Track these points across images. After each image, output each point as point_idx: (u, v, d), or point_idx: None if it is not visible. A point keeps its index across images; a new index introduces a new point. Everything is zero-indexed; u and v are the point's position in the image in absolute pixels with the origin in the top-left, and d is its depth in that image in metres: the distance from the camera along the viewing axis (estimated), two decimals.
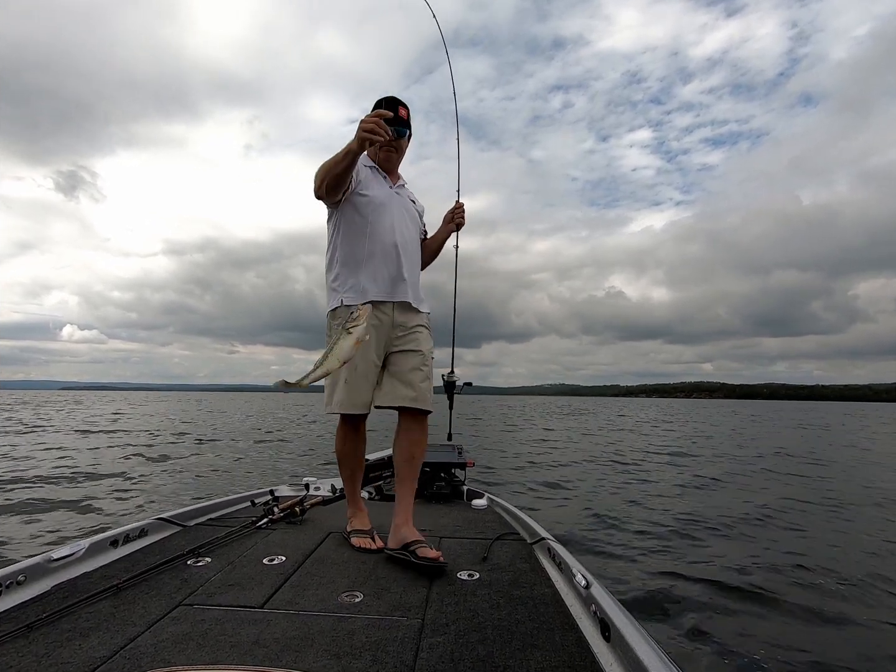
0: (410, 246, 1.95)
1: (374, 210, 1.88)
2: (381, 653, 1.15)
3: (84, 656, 1.12)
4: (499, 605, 1.42)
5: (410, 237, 1.97)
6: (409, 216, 1.99)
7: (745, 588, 2.74)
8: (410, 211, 2.01)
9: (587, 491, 5.64)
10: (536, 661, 1.13)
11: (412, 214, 2.01)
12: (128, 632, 1.24)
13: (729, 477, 6.89)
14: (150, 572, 1.60)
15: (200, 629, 1.25)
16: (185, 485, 6.04)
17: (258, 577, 1.61)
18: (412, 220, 2.00)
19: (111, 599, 1.43)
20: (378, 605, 1.41)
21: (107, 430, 14.08)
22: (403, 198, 2.00)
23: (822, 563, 3.17)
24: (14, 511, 4.56)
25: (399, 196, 1.98)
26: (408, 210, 1.99)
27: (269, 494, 2.63)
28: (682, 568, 3.05)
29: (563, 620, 1.33)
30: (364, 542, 1.90)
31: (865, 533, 3.98)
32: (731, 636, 2.19)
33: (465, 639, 1.22)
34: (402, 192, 2.01)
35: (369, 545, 1.88)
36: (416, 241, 2.02)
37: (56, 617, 1.30)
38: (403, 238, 1.91)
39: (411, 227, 1.99)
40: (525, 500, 5.03)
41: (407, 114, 1.91)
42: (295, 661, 1.11)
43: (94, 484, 5.96)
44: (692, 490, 5.91)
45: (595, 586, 1.36)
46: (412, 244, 1.97)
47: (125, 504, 4.95)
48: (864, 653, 2.09)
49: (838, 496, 5.53)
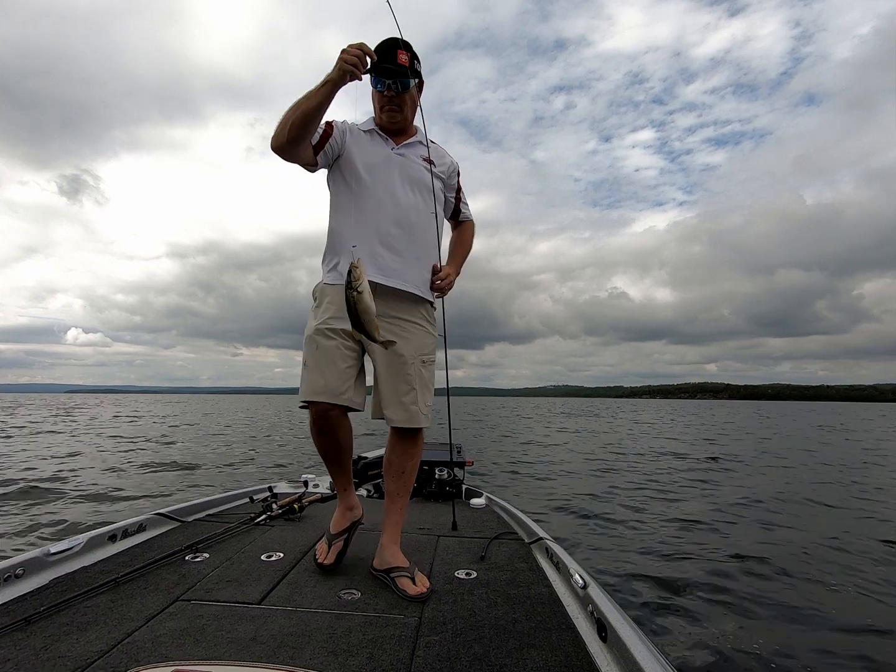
0: (408, 217, 1.60)
1: (362, 178, 1.59)
2: (379, 650, 1.15)
3: (82, 650, 1.13)
4: (496, 604, 1.42)
5: (409, 205, 1.60)
6: (413, 180, 1.62)
7: (745, 589, 2.72)
8: (415, 174, 1.63)
9: (587, 491, 5.62)
10: (533, 660, 1.13)
11: (418, 178, 1.63)
12: (125, 626, 1.24)
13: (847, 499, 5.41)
14: (149, 567, 1.60)
15: (198, 625, 1.25)
16: (184, 481, 6.06)
17: (256, 573, 1.61)
18: (417, 184, 1.63)
19: (109, 594, 1.43)
20: (375, 602, 1.41)
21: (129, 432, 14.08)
22: (408, 158, 1.64)
23: (823, 568, 3.14)
24: (13, 506, 4.59)
25: (402, 157, 1.63)
26: (411, 173, 1.63)
27: (267, 491, 2.64)
28: (680, 569, 3.03)
29: (560, 620, 1.32)
30: (319, 551, 1.67)
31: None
32: (728, 638, 2.18)
33: (462, 637, 1.22)
34: (408, 151, 1.65)
35: (322, 557, 1.64)
36: (418, 210, 1.63)
37: (54, 611, 1.31)
38: (398, 208, 1.58)
39: (412, 194, 1.62)
40: (524, 500, 5.02)
41: (409, 58, 1.55)
42: (292, 657, 1.11)
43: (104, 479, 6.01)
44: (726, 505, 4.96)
45: (592, 587, 1.36)
46: (412, 215, 1.61)
47: (124, 499, 4.98)
48: (866, 655, 2.08)
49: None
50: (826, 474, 7.22)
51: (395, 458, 1.65)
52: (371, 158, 1.61)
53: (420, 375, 1.61)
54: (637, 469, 7.46)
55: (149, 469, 6.92)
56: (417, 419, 1.59)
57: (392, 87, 1.56)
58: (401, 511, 1.67)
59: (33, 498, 4.95)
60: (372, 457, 3.16)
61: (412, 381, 1.58)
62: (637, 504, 4.93)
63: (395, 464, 1.65)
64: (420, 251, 1.63)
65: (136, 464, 7.43)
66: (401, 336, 1.58)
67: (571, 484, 6.09)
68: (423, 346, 1.64)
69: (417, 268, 1.62)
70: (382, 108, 1.62)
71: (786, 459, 9.01)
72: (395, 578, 1.50)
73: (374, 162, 1.61)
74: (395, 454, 1.65)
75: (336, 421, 1.56)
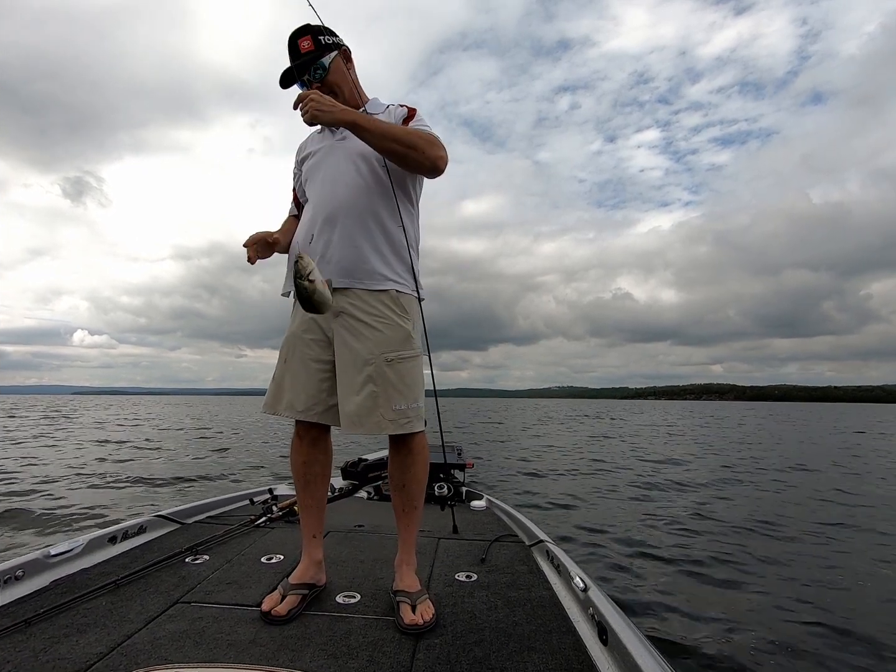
0: (344, 207, 1.42)
1: (307, 180, 1.53)
2: (378, 653, 1.14)
3: (81, 652, 1.13)
4: (496, 607, 1.41)
5: (344, 196, 1.43)
6: (349, 166, 1.45)
7: (745, 592, 2.70)
8: (352, 158, 1.46)
9: (588, 492, 5.59)
10: (533, 663, 1.12)
11: (354, 160, 1.46)
12: (125, 628, 1.24)
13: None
14: (149, 569, 1.60)
15: (198, 627, 1.25)
16: (184, 482, 6.03)
17: (256, 575, 1.61)
18: (352, 168, 1.45)
19: (109, 596, 1.44)
20: (375, 605, 1.41)
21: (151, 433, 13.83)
22: (347, 142, 1.47)
23: (824, 577, 3.11)
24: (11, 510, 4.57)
25: (343, 142, 1.48)
26: (348, 159, 1.46)
27: (268, 493, 2.64)
28: (681, 572, 3.01)
29: (560, 623, 1.32)
30: (269, 602, 1.35)
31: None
32: (729, 641, 2.16)
33: (462, 640, 1.22)
34: (349, 133, 1.44)
35: (271, 605, 1.34)
36: (355, 196, 1.43)
37: (54, 613, 1.31)
38: (334, 197, 1.43)
39: (346, 184, 1.44)
40: (524, 503, 4.99)
41: (311, 40, 1.43)
42: (292, 660, 1.11)
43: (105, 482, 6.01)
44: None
45: (593, 590, 1.36)
46: (347, 205, 1.42)
47: (123, 501, 4.94)
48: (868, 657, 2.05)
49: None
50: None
51: (393, 471, 1.48)
52: (312, 159, 1.53)
53: (383, 376, 1.37)
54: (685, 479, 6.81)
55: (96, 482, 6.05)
56: (381, 426, 1.36)
57: (312, 80, 1.45)
58: (409, 528, 1.48)
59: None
60: (372, 459, 3.17)
61: (373, 383, 1.37)
62: (641, 505, 4.91)
63: (394, 477, 1.49)
64: (366, 235, 1.42)
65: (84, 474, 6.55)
66: (357, 334, 1.39)
67: (573, 485, 6.06)
68: (389, 342, 1.40)
69: (365, 253, 1.41)
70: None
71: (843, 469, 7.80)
72: (398, 602, 1.37)
73: (316, 157, 1.52)
74: (392, 466, 1.48)
75: (322, 439, 1.51)
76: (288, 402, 1.44)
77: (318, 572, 1.50)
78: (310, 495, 1.51)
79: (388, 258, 1.44)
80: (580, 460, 8.68)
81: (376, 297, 1.41)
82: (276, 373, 1.49)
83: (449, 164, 1.44)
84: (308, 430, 1.48)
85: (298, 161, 1.61)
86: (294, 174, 1.64)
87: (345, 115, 1.32)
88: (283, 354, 1.49)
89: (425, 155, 1.36)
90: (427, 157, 1.37)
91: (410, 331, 1.44)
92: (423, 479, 1.48)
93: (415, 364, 1.44)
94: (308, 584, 1.44)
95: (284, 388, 1.45)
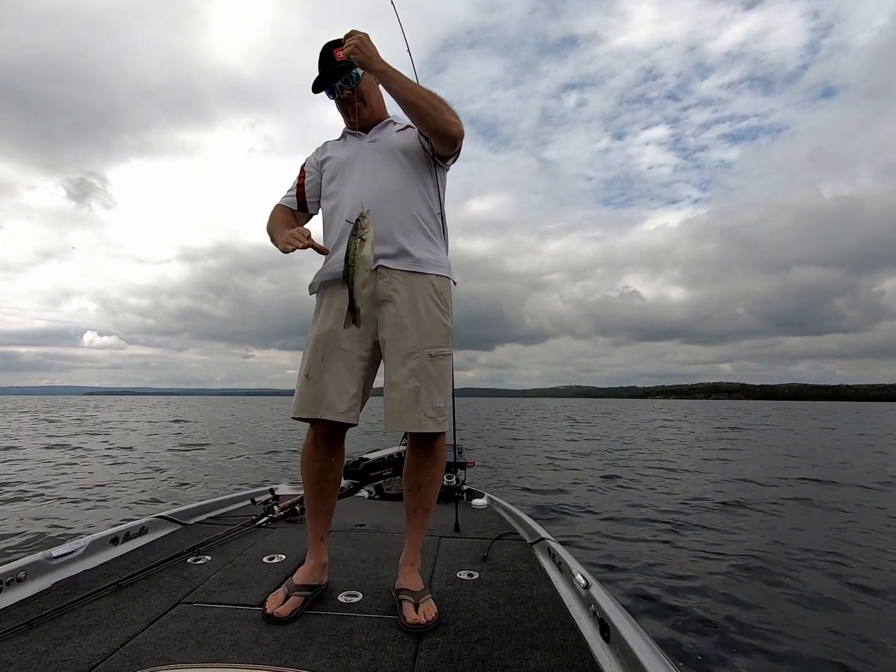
0: (387, 192, 1.46)
1: (333, 178, 1.55)
2: (381, 652, 1.14)
3: (84, 653, 1.13)
4: (498, 604, 1.41)
5: (386, 182, 1.48)
6: (393, 153, 1.51)
7: (746, 590, 2.67)
8: (389, 152, 1.52)
9: (587, 493, 5.55)
10: (536, 661, 1.12)
11: (392, 154, 1.52)
12: (128, 629, 1.24)
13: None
14: (151, 570, 1.61)
15: (200, 627, 1.25)
16: (186, 483, 6.03)
17: (258, 575, 1.61)
18: (392, 160, 1.51)
19: (111, 597, 1.44)
20: (377, 604, 1.40)
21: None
22: (380, 142, 1.54)
23: (838, 560, 3.06)
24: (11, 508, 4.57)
25: (375, 143, 1.54)
26: (385, 153, 1.52)
27: (269, 493, 2.64)
28: (683, 569, 2.98)
29: (562, 621, 1.31)
30: (272, 603, 1.35)
31: None
32: (731, 638, 2.14)
33: (464, 638, 1.21)
34: (380, 136, 1.56)
35: (274, 606, 1.33)
36: (398, 183, 1.49)
37: (56, 614, 1.31)
38: (374, 187, 1.46)
39: (387, 172, 1.49)
40: (526, 501, 4.97)
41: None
42: (294, 659, 1.11)
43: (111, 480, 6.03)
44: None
45: (595, 587, 1.35)
46: (390, 191, 1.47)
47: (127, 501, 4.95)
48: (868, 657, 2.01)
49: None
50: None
51: (409, 471, 1.47)
52: (341, 158, 1.55)
53: (425, 370, 1.37)
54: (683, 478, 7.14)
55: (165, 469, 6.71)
56: (421, 423, 1.35)
57: (344, 86, 1.50)
58: (419, 530, 1.49)
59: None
60: (374, 458, 3.17)
61: (416, 378, 1.36)
62: (643, 507, 4.86)
63: (409, 477, 1.47)
64: (410, 219, 1.46)
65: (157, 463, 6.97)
66: (401, 325, 1.38)
67: (574, 485, 6.02)
68: (432, 337, 1.40)
69: (408, 236, 1.44)
70: (348, 113, 1.55)
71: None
72: (401, 601, 1.38)
73: (345, 159, 1.55)
74: (409, 466, 1.47)
75: (337, 445, 1.50)
76: (328, 402, 1.39)
77: (323, 574, 1.50)
78: (322, 502, 1.49)
79: (428, 243, 1.48)
80: (589, 461, 8.58)
81: (419, 284, 1.42)
82: (311, 372, 1.41)
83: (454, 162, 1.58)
84: (327, 435, 1.44)
85: (318, 161, 1.61)
86: (306, 172, 1.63)
87: (377, 63, 1.37)
88: (320, 352, 1.42)
89: (443, 117, 1.39)
90: (444, 118, 1.39)
91: (451, 328, 1.47)
92: (440, 482, 1.48)
93: (450, 362, 1.46)
94: (312, 585, 1.44)
95: (325, 389, 1.39)
